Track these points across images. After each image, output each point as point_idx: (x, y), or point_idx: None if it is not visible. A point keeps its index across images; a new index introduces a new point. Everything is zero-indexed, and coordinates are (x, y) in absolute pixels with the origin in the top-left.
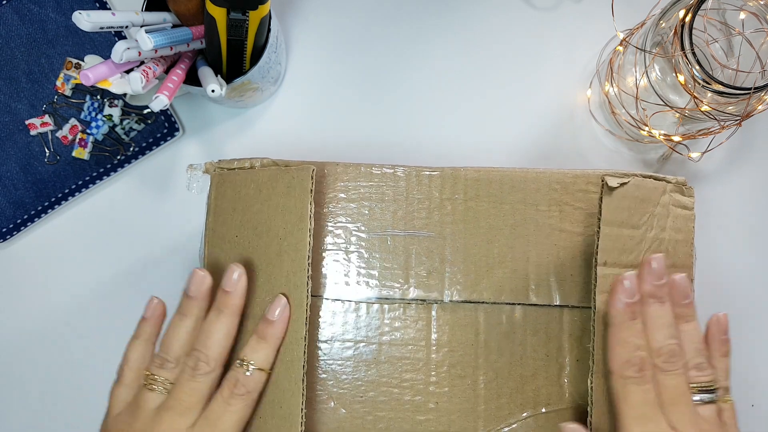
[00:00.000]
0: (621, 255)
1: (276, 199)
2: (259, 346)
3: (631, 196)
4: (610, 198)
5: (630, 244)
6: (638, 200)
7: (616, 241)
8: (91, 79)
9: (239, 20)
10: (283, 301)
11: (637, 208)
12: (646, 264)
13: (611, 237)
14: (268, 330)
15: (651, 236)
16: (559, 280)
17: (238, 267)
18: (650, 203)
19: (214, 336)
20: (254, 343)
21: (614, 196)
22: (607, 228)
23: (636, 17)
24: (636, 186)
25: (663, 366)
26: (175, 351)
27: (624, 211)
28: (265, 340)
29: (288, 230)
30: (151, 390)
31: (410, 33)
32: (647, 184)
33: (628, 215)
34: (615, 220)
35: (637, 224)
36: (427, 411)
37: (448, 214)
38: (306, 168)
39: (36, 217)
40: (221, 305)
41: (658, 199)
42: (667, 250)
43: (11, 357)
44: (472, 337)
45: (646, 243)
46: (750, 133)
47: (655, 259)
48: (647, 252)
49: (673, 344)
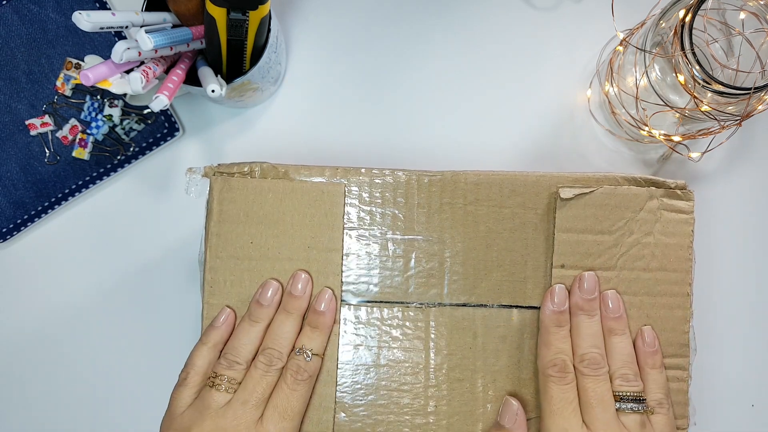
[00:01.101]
0: (585, 259)
1: (303, 210)
2: (314, 335)
3: (598, 204)
4: (566, 207)
5: (598, 248)
6: (610, 207)
7: (577, 246)
8: (91, 79)
9: (239, 20)
10: (329, 293)
11: (608, 215)
12: (577, 280)
13: (569, 243)
14: (319, 319)
15: (630, 241)
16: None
17: (304, 273)
18: (629, 209)
19: (285, 335)
20: (309, 332)
21: (572, 205)
22: (563, 234)
23: (636, 17)
24: (606, 194)
25: (585, 371)
26: (245, 354)
27: (588, 218)
28: (318, 328)
29: (316, 240)
30: (218, 390)
31: (410, 33)
32: (624, 192)
33: (594, 222)
34: (574, 227)
35: (608, 230)
36: (426, 414)
37: (448, 218)
38: (338, 184)
39: (36, 217)
40: (290, 308)
41: (641, 204)
42: (652, 253)
43: (11, 357)
44: (470, 341)
45: (622, 247)
46: (750, 133)
47: (587, 277)
48: (624, 256)
49: (595, 353)
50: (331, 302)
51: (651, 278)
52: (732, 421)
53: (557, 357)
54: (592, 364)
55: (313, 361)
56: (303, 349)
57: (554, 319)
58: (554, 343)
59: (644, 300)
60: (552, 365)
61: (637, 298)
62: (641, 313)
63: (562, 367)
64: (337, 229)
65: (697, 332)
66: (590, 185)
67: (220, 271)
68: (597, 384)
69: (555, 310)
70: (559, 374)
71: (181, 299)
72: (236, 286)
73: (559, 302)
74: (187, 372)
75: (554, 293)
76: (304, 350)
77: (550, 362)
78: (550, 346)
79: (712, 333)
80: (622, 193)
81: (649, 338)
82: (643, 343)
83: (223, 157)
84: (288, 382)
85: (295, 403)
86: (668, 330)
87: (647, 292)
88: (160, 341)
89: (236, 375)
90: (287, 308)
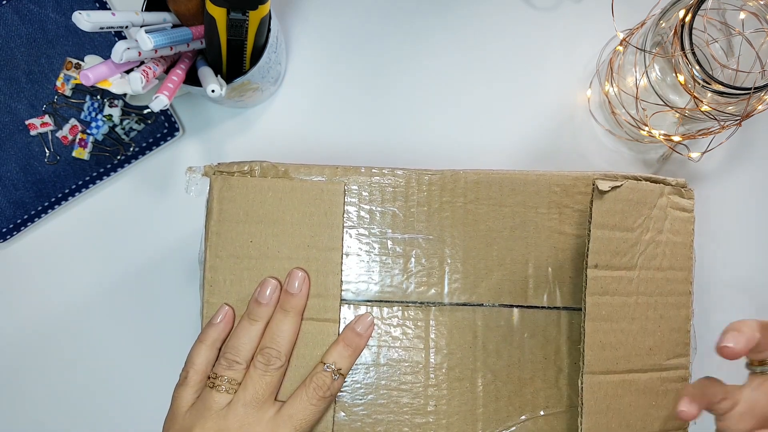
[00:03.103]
0: (613, 258)
1: (303, 209)
2: (347, 353)
3: (624, 199)
4: (601, 201)
5: (623, 246)
6: (632, 203)
7: (608, 244)
8: (91, 79)
9: (239, 20)
10: (370, 318)
11: (631, 210)
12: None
13: (602, 240)
14: (355, 340)
15: (647, 239)
16: (558, 282)
17: (301, 271)
18: (646, 206)
19: (283, 334)
20: (342, 349)
21: (606, 199)
22: (598, 231)
23: (636, 17)
24: (630, 189)
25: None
26: (245, 353)
27: (616, 214)
28: (352, 348)
29: (315, 239)
30: (218, 390)
31: (410, 33)
32: (642, 187)
33: (621, 218)
34: (607, 223)
35: (631, 227)
36: (426, 414)
37: (448, 217)
38: (338, 183)
39: (36, 217)
40: (287, 306)
41: (654, 201)
42: (664, 252)
43: (11, 357)
44: (470, 340)
45: (641, 246)
46: (750, 133)
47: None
48: (642, 254)
49: None
50: (370, 327)
51: (663, 277)
52: None
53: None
54: None
55: (339, 380)
56: (332, 366)
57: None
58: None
59: (659, 300)
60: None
61: (653, 299)
62: (656, 314)
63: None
64: (336, 228)
65: (697, 332)
66: (618, 180)
67: (220, 270)
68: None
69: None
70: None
71: (181, 298)
72: (236, 285)
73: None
74: (187, 371)
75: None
76: (335, 368)
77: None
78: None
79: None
80: (642, 189)
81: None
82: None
83: (223, 157)
84: (309, 395)
85: (311, 417)
86: (675, 330)
87: (660, 292)
88: (160, 340)
89: (236, 375)
90: (284, 307)
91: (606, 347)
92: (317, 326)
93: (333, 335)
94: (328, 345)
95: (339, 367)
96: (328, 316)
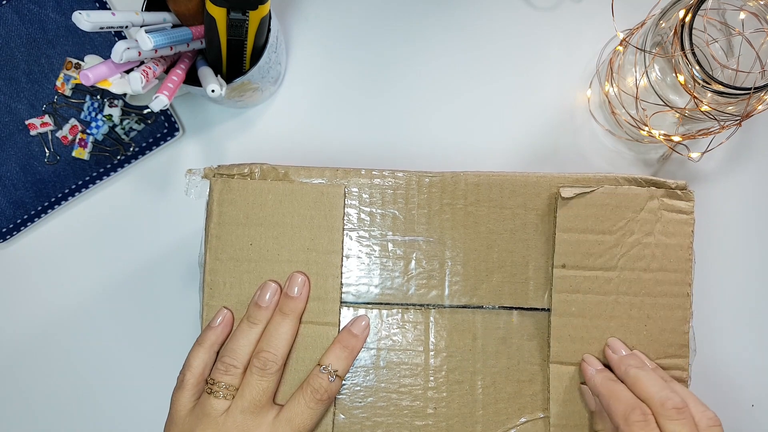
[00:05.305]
0: (585, 259)
1: (303, 212)
2: (343, 355)
3: (599, 204)
4: (567, 207)
5: (598, 248)
6: (611, 207)
7: (578, 246)
8: (91, 79)
9: (239, 20)
10: (366, 321)
11: (608, 215)
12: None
13: (569, 243)
14: (351, 341)
15: (630, 241)
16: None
17: (301, 275)
18: (629, 209)
19: (281, 338)
20: (338, 351)
21: (573, 204)
22: (564, 234)
23: (636, 17)
24: (606, 194)
25: (670, 414)
26: (242, 356)
27: (589, 218)
28: (349, 349)
29: (316, 242)
30: (216, 397)
31: (410, 34)
32: (624, 192)
33: (595, 222)
34: (575, 227)
35: (609, 230)
36: (425, 416)
37: (449, 219)
38: (338, 186)
39: (36, 217)
40: (286, 310)
41: (642, 205)
42: (653, 254)
43: (11, 357)
44: (469, 342)
45: (623, 247)
46: (750, 133)
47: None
48: (625, 256)
49: (674, 396)
50: (366, 329)
51: (651, 278)
52: (732, 421)
53: (635, 402)
54: (676, 408)
55: (336, 382)
56: (329, 369)
57: (606, 377)
58: (622, 392)
59: (645, 300)
60: (632, 410)
61: (638, 299)
62: (641, 314)
63: (644, 411)
64: (336, 231)
65: (697, 332)
66: (591, 185)
67: (220, 272)
68: (683, 427)
69: (600, 369)
70: (642, 418)
71: (181, 300)
72: (236, 287)
73: (597, 363)
74: (184, 374)
75: (590, 360)
76: (331, 370)
77: (630, 407)
78: (620, 398)
79: (712, 333)
80: (622, 193)
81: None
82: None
83: (222, 157)
84: (306, 398)
85: (309, 420)
86: (668, 330)
87: (648, 293)
88: (160, 342)
89: (233, 381)
90: (283, 310)
91: (576, 341)
92: (317, 329)
93: (332, 338)
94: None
95: (335, 369)
96: (327, 319)
